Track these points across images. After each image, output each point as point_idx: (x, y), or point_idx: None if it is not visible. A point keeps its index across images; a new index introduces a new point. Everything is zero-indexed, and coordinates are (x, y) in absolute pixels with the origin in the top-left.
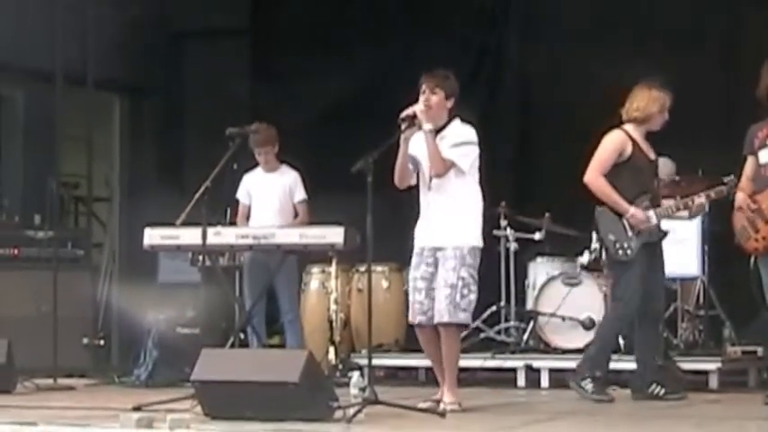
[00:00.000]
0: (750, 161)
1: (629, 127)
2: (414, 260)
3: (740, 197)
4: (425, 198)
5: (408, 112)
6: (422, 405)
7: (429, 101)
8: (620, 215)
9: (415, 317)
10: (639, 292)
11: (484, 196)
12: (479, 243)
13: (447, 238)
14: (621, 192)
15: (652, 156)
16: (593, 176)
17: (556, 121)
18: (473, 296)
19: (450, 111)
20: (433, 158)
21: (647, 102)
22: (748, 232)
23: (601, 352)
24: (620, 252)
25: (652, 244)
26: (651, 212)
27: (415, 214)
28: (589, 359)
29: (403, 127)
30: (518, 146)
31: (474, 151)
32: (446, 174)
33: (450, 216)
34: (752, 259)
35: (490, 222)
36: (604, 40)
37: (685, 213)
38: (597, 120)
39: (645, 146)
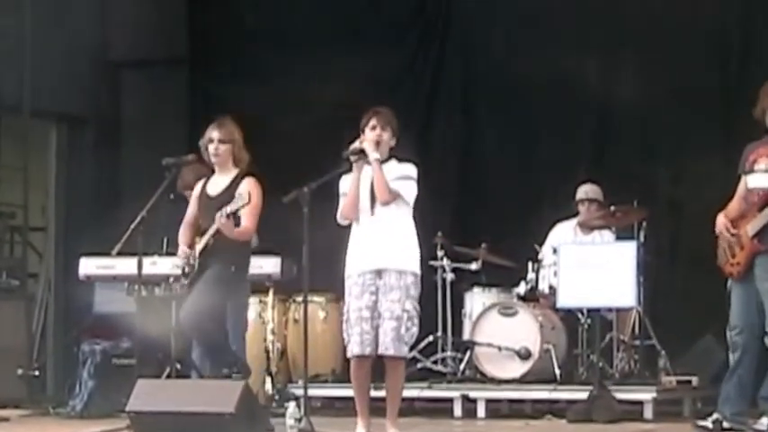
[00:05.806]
0: (743, 181)
1: None
2: (354, 289)
3: (720, 221)
4: (363, 223)
5: (355, 146)
6: None
7: (381, 137)
8: None
9: (365, 348)
10: None
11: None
12: (420, 271)
13: (390, 260)
14: None
15: None
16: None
17: (500, 150)
18: (415, 329)
19: (391, 149)
20: (379, 186)
21: None
22: (726, 256)
23: None
24: None
25: None
26: None
27: None
28: None
29: (352, 159)
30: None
31: (416, 188)
32: (392, 202)
33: (393, 240)
34: (728, 282)
35: (427, 252)
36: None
37: None
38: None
39: None
